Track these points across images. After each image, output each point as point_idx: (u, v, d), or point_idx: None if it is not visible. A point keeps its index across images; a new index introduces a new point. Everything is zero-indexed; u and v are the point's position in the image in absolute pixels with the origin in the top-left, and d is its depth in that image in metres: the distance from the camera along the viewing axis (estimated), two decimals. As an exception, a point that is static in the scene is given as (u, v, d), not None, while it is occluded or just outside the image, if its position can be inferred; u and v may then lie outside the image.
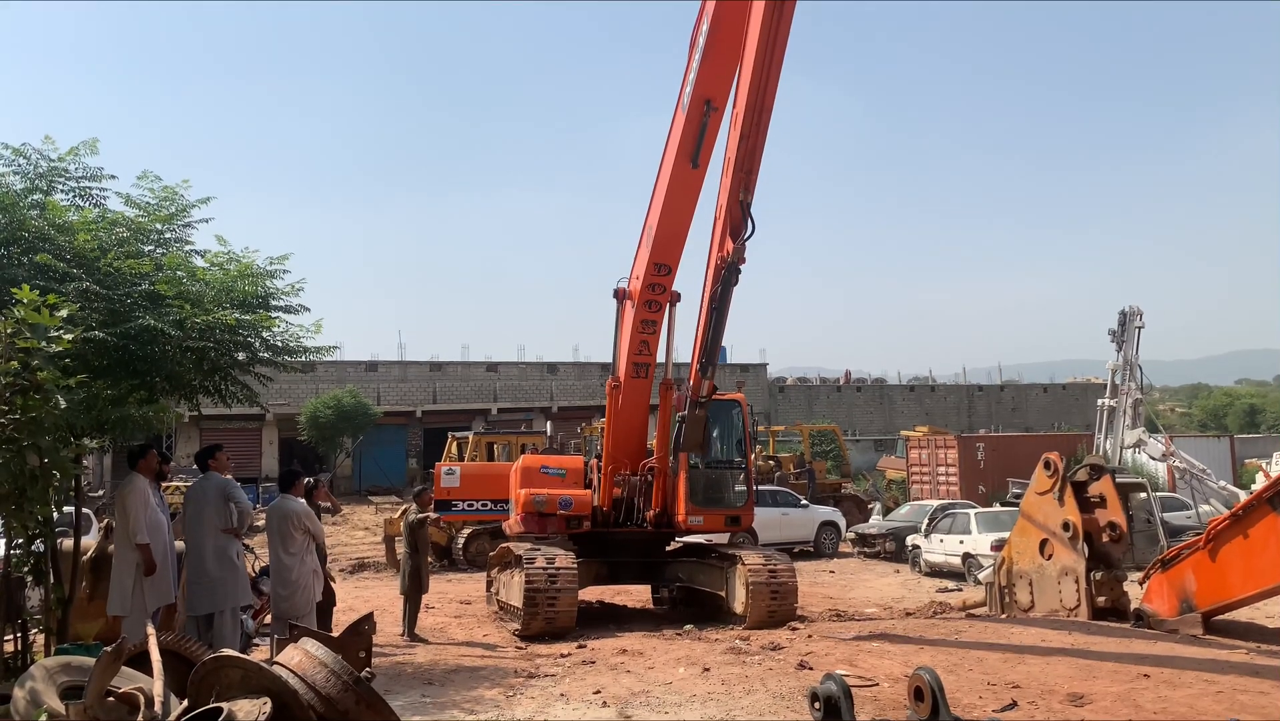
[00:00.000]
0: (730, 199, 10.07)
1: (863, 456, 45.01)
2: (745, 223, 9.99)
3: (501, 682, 8.59)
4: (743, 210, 9.98)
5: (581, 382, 45.65)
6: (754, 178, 9.96)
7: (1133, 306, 26.82)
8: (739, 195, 9.93)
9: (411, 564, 12.09)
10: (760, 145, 9.90)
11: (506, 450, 24.63)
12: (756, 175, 9.98)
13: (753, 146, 9.86)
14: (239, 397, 9.50)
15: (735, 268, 10.25)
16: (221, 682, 3.43)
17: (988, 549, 16.98)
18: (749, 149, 9.86)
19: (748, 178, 9.92)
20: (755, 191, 10.00)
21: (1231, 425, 61.40)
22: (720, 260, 10.35)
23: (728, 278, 10.41)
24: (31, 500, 6.25)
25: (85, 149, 8.45)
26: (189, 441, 35.71)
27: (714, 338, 11.03)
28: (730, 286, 10.51)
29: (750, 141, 9.83)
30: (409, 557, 12.19)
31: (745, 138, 9.81)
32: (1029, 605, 11.93)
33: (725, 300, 10.65)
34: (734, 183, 9.94)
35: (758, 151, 9.92)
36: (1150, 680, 7.68)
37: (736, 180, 9.92)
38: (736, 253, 10.06)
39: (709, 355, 11.20)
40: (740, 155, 9.87)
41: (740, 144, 9.84)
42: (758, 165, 9.97)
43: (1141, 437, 26.08)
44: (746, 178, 9.91)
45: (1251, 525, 9.29)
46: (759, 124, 9.79)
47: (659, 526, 12.94)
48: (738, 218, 10.05)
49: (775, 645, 9.84)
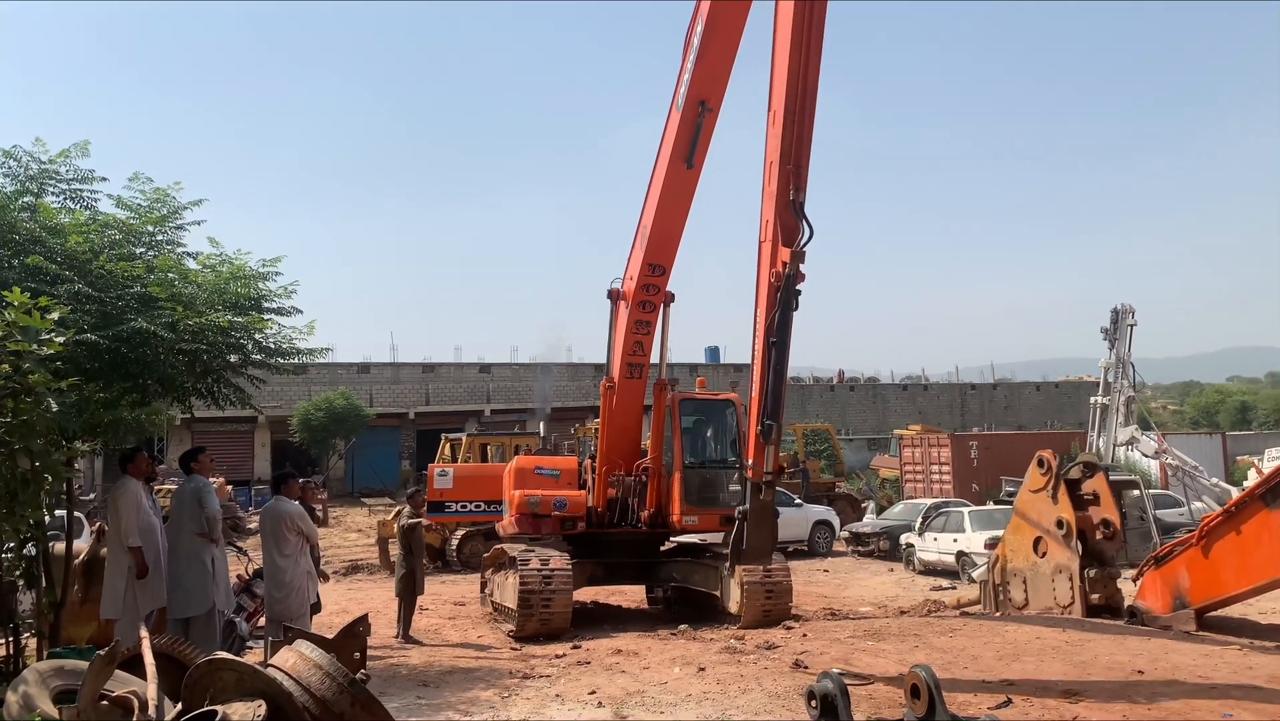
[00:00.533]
0: (779, 203, 8.40)
1: (856, 455, 45.08)
2: (800, 225, 8.27)
3: (497, 684, 8.57)
4: (795, 211, 8.31)
5: (575, 383, 45.61)
6: (804, 172, 8.42)
7: (1125, 304, 26.95)
8: (788, 195, 8.35)
9: (406, 566, 12.10)
10: (809, 132, 8.44)
11: (500, 451, 24.61)
12: (807, 168, 8.45)
13: (800, 134, 8.40)
14: (231, 400, 9.46)
15: (793, 284, 8.27)
16: (216, 685, 3.41)
17: (981, 547, 17.01)
18: (796, 137, 8.39)
19: (797, 173, 8.38)
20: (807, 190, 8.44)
21: (1223, 422, 61.71)
22: (774, 278, 8.35)
23: (786, 299, 8.27)
24: (23, 504, 6.21)
25: (76, 151, 8.42)
26: (181, 444, 35.53)
27: (776, 384, 8.43)
28: (790, 310, 8.35)
29: (796, 127, 8.38)
30: (404, 560, 12.20)
31: (790, 123, 8.38)
32: (1023, 603, 11.95)
33: (786, 330, 8.37)
34: (780, 183, 8.39)
35: (806, 140, 8.43)
36: (1144, 677, 7.71)
37: (784, 178, 8.37)
38: (794, 262, 8.16)
39: (773, 410, 8.39)
40: (785, 148, 8.40)
41: (784, 133, 8.40)
42: (807, 157, 8.45)
43: (1134, 435, 26.20)
44: (796, 173, 8.37)
45: (1244, 521, 9.33)
46: (804, 105, 8.38)
47: (653, 526, 12.94)
48: (791, 221, 8.32)
49: (770, 644, 9.84)
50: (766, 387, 8.43)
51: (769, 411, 8.38)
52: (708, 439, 13.54)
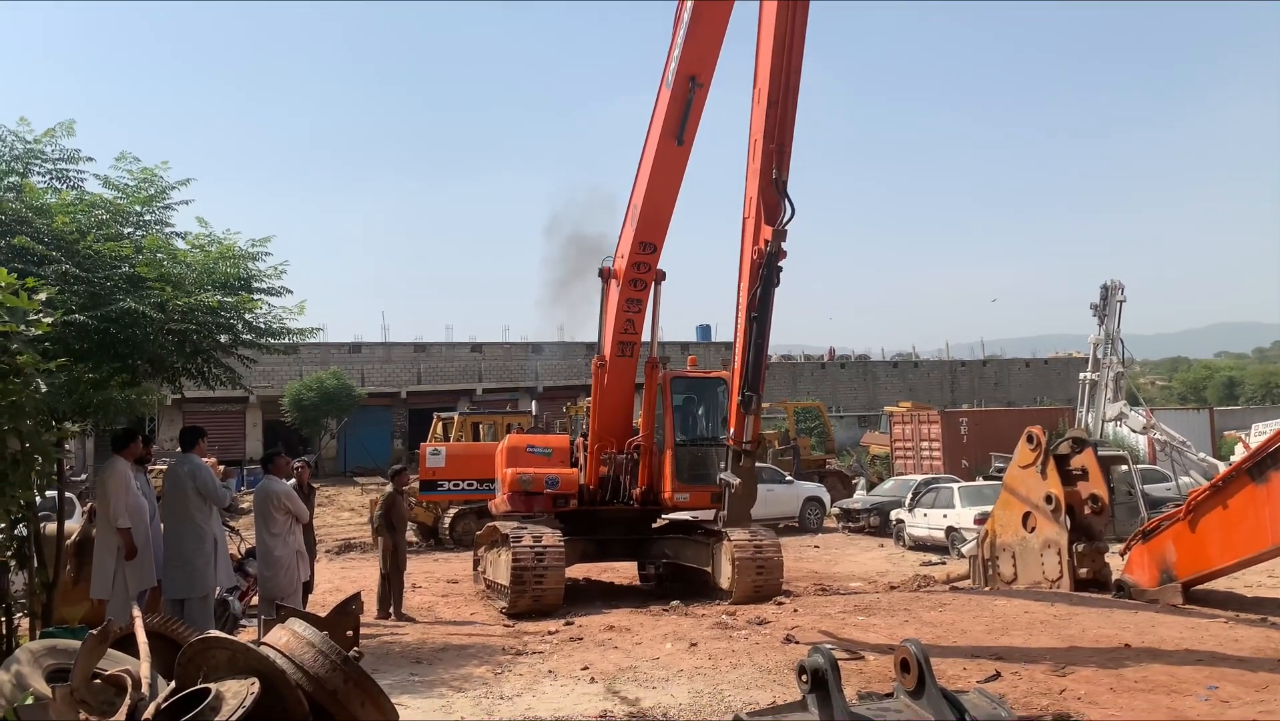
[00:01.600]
0: (762, 181, 8.63)
1: (847, 432, 45.20)
2: (782, 204, 8.53)
3: (490, 660, 8.62)
4: (778, 190, 8.54)
5: (566, 362, 45.57)
6: (788, 152, 8.62)
7: (1114, 280, 27.00)
8: (770, 174, 8.57)
9: (391, 542, 12.02)
10: (792, 113, 8.61)
11: (492, 430, 24.62)
12: (790, 149, 8.64)
13: (784, 115, 8.58)
14: (222, 380, 9.43)
15: (775, 261, 8.56)
16: (209, 664, 3.42)
17: (971, 522, 17.12)
18: (779, 117, 8.57)
19: (780, 153, 8.58)
20: (790, 169, 8.62)
21: (1211, 397, 62.04)
22: (756, 255, 8.69)
23: (768, 276, 8.62)
24: (13, 484, 6.20)
25: (62, 130, 8.34)
26: (172, 424, 35.49)
27: (756, 358, 8.88)
28: (771, 287, 8.71)
29: (781, 108, 8.54)
30: (388, 536, 12.12)
31: (774, 104, 8.51)
32: (1012, 577, 12.05)
33: (767, 306, 8.73)
34: (764, 161, 8.61)
35: (789, 121, 8.61)
36: (1131, 650, 7.79)
37: (767, 157, 8.59)
38: (775, 240, 8.47)
39: (753, 382, 8.89)
40: (769, 127, 8.59)
41: (768, 113, 8.57)
42: (790, 137, 8.64)
43: (1123, 411, 26.31)
44: (779, 153, 8.57)
45: (1231, 496, 9.41)
46: (788, 86, 8.52)
47: (645, 504, 13.00)
48: (773, 200, 8.58)
49: (761, 620, 9.91)
50: (748, 360, 8.89)
51: (749, 383, 8.88)
52: (699, 416, 13.59)
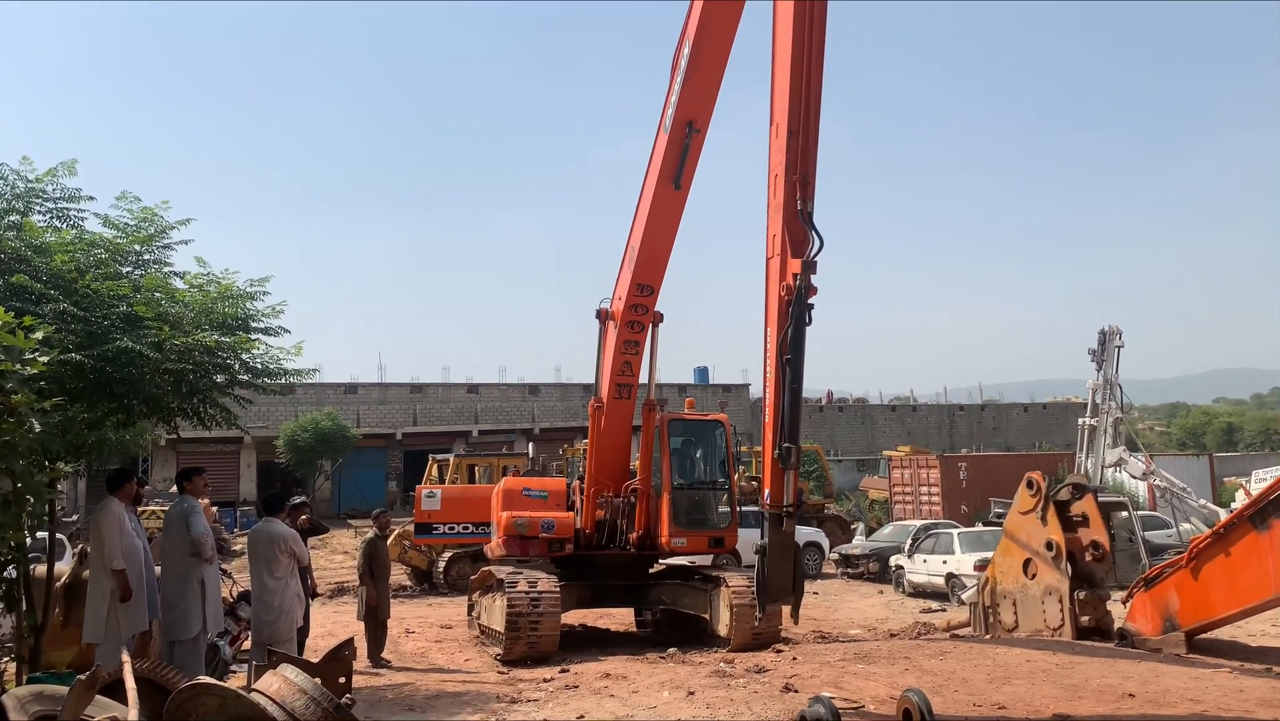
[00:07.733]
0: (786, 214, 7.87)
1: (845, 476, 45.10)
2: (810, 236, 7.73)
3: (484, 708, 8.48)
4: (805, 222, 7.76)
5: (563, 404, 45.53)
6: (812, 182, 7.91)
7: (1112, 326, 27.10)
8: (795, 206, 7.81)
9: (374, 592, 11.80)
10: (814, 140, 7.95)
11: (488, 472, 24.51)
12: (814, 178, 7.95)
13: (805, 144, 7.90)
14: (217, 420, 9.37)
15: (805, 297, 7.63)
16: (198, 711, 3.36)
17: (971, 569, 17.01)
18: (800, 147, 7.89)
19: (805, 184, 7.84)
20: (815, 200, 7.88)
21: (1210, 443, 62.05)
22: (784, 292, 7.73)
23: (799, 313, 7.59)
24: (4, 525, 6.13)
25: (64, 170, 8.38)
26: (166, 464, 35.35)
27: (793, 405, 7.66)
28: (803, 325, 7.66)
29: (802, 137, 7.89)
30: (370, 586, 11.86)
31: (795, 134, 7.88)
32: (1013, 625, 11.93)
33: (799, 347, 7.66)
34: (787, 194, 7.87)
35: (811, 149, 7.94)
36: (1135, 700, 7.68)
37: (790, 189, 7.84)
38: (805, 274, 7.56)
39: (791, 433, 7.57)
40: (790, 159, 7.89)
41: (789, 144, 7.89)
42: (814, 166, 7.96)
43: (1122, 456, 26.27)
44: (804, 184, 7.83)
45: (1233, 543, 9.34)
46: (809, 114, 7.92)
47: (642, 548, 12.89)
48: (800, 233, 7.77)
49: (760, 667, 9.78)
50: (782, 409, 7.67)
51: (787, 434, 7.57)
52: (697, 460, 13.53)
